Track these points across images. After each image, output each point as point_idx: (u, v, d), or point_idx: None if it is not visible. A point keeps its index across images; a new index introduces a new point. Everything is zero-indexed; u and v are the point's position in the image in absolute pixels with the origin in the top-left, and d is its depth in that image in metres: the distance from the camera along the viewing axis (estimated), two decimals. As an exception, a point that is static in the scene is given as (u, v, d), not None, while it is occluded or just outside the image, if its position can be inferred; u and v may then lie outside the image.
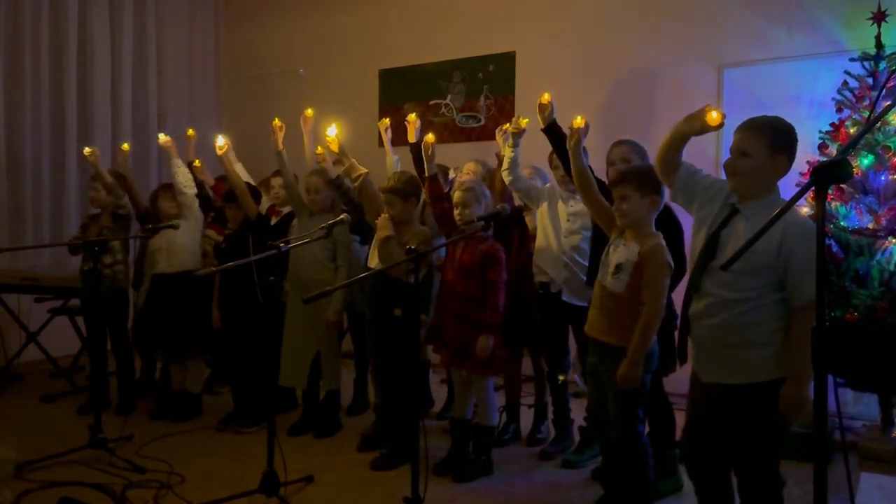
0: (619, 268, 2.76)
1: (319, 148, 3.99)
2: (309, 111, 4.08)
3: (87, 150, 4.55)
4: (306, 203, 4.07)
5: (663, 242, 2.74)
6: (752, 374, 2.22)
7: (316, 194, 4.02)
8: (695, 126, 2.30)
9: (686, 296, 2.40)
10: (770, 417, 2.21)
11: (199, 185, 4.54)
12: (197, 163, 4.70)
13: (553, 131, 3.35)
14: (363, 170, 3.91)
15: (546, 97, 3.34)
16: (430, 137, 3.63)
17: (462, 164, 4.31)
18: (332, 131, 3.87)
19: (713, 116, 2.22)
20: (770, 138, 2.22)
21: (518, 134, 3.63)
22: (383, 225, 3.61)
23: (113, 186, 4.47)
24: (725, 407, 2.28)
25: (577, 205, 3.56)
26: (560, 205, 3.69)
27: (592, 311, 2.91)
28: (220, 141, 4.13)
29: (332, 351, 4.11)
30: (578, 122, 3.13)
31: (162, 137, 4.45)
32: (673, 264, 2.74)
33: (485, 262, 3.37)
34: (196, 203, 4.42)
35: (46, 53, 5.95)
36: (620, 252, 2.79)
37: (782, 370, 2.19)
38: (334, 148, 3.87)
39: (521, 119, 3.64)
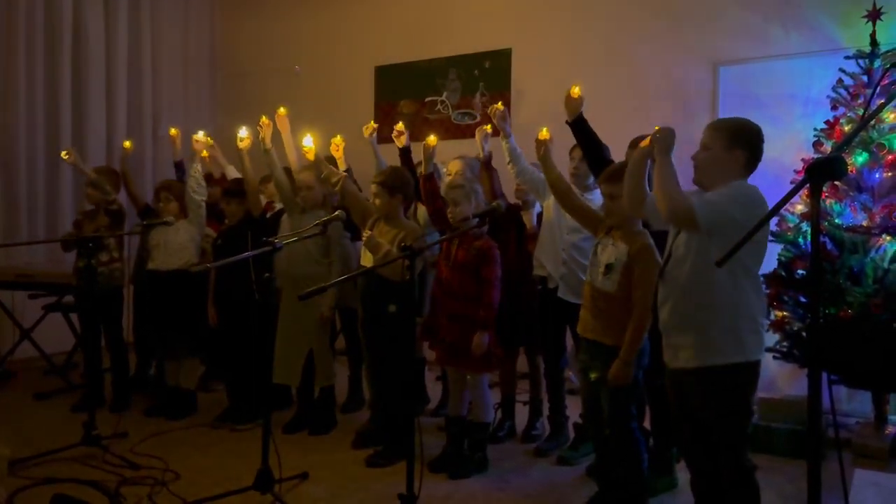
0: (609, 268, 2.78)
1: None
2: (281, 110, 4.05)
3: (63, 153, 4.53)
4: (298, 200, 4.05)
5: (652, 242, 2.75)
6: (705, 357, 2.30)
7: (308, 191, 4.00)
8: (646, 151, 2.48)
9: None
10: (730, 399, 2.29)
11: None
12: (205, 153, 4.70)
13: (580, 125, 3.28)
14: (341, 174, 3.88)
15: (576, 90, 3.22)
16: (431, 140, 3.62)
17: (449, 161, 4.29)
18: (308, 141, 3.84)
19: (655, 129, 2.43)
20: (729, 133, 2.35)
21: (502, 119, 3.56)
22: (376, 244, 3.55)
23: (98, 182, 4.44)
24: (690, 390, 2.37)
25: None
26: None
27: (584, 311, 2.92)
28: (243, 132, 4.09)
29: (325, 347, 4.10)
30: (544, 133, 3.17)
31: (201, 138, 4.34)
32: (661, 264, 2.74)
33: (479, 259, 3.37)
34: (203, 208, 4.40)
35: (41, 50, 5.93)
36: (609, 252, 2.80)
37: (740, 355, 2.28)
38: (311, 157, 3.85)
39: (497, 105, 3.61)
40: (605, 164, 3.23)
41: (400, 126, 4.13)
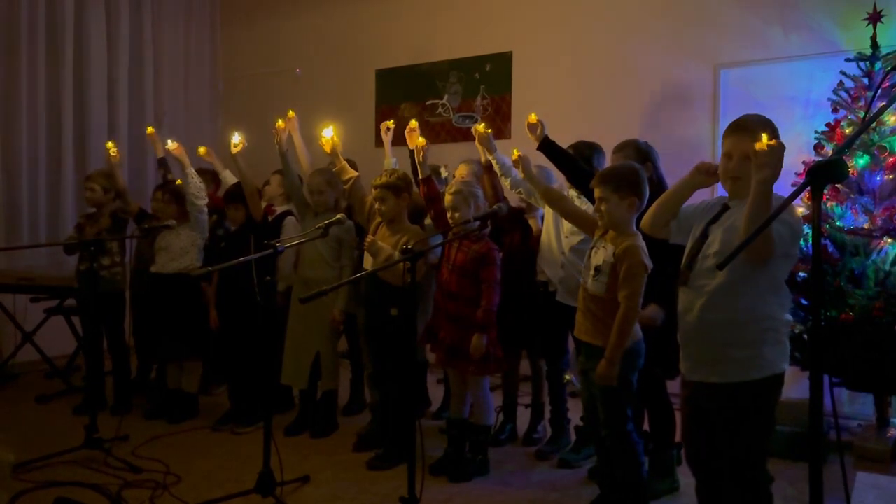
0: (598, 270, 2.79)
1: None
2: (290, 113, 4.09)
3: (109, 143, 4.68)
4: (310, 203, 4.07)
5: (640, 243, 2.74)
6: (733, 374, 2.24)
7: (319, 195, 4.02)
8: (701, 182, 2.36)
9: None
10: (753, 415, 2.24)
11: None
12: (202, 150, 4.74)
13: (548, 147, 3.32)
14: (354, 173, 3.90)
15: (533, 117, 3.30)
16: (421, 141, 3.62)
17: (456, 164, 4.30)
18: (329, 133, 3.85)
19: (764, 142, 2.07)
20: (777, 136, 2.23)
21: (485, 141, 3.59)
22: (379, 248, 3.57)
23: (123, 192, 4.52)
24: (709, 405, 2.32)
25: (582, 204, 3.54)
26: None
27: (578, 314, 2.93)
28: (236, 138, 4.10)
29: (332, 351, 4.11)
30: (515, 153, 3.26)
31: (171, 144, 4.40)
32: (650, 265, 2.73)
33: (478, 261, 3.38)
34: (205, 213, 4.42)
35: (43, 53, 5.94)
36: (600, 254, 2.81)
37: (765, 370, 2.22)
38: (327, 149, 3.86)
39: (478, 126, 3.61)
40: (584, 175, 3.23)
41: (413, 124, 3.85)
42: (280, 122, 4.04)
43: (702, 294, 2.27)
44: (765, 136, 1.99)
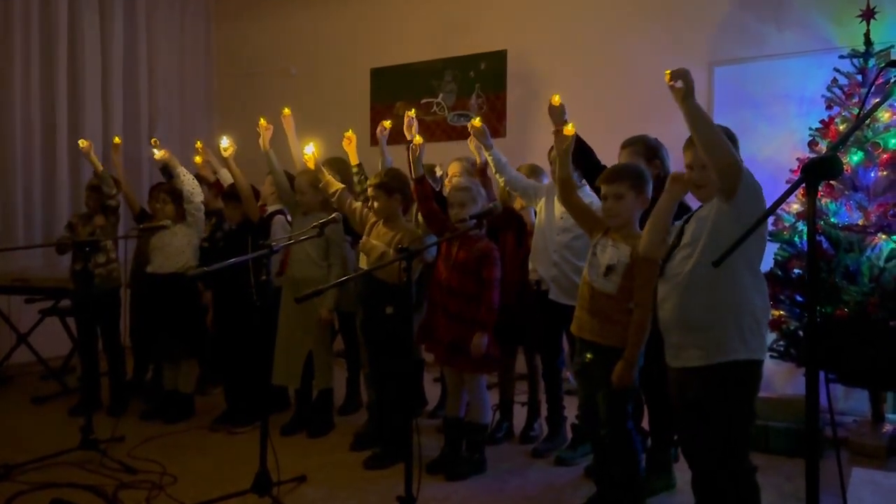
0: (610, 269, 2.77)
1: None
2: (286, 110, 4.07)
3: (81, 141, 4.55)
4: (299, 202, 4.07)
5: None
6: (710, 355, 2.30)
7: (302, 195, 4.01)
8: (679, 190, 2.49)
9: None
10: (734, 399, 2.30)
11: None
12: (198, 159, 4.71)
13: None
14: (339, 185, 3.90)
15: (556, 99, 3.21)
16: (417, 139, 3.61)
17: (450, 163, 4.29)
18: (310, 150, 3.84)
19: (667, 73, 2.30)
20: None
21: (480, 135, 3.58)
22: (372, 246, 3.58)
23: (104, 175, 4.44)
24: (693, 390, 2.37)
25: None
26: (556, 202, 3.65)
27: (580, 311, 2.90)
28: (225, 142, 4.10)
29: (325, 350, 4.10)
30: (570, 129, 3.10)
31: (157, 153, 4.29)
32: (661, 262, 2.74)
33: (480, 260, 3.38)
34: (202, 210, 4.41)
35: (37, 53, 5.93)
36: (610, 253, 2.79)
37: (742, 354, 2.28)
38: (311, 165, 3.85)
39: (474, 120, 3.60)
40: (595, 166, 3.22)
41: (412, 112, 3.89)
42: (263, 122, 4.03)
43: (677, 282, 2.35)
44: (666, 73, 2.22)
